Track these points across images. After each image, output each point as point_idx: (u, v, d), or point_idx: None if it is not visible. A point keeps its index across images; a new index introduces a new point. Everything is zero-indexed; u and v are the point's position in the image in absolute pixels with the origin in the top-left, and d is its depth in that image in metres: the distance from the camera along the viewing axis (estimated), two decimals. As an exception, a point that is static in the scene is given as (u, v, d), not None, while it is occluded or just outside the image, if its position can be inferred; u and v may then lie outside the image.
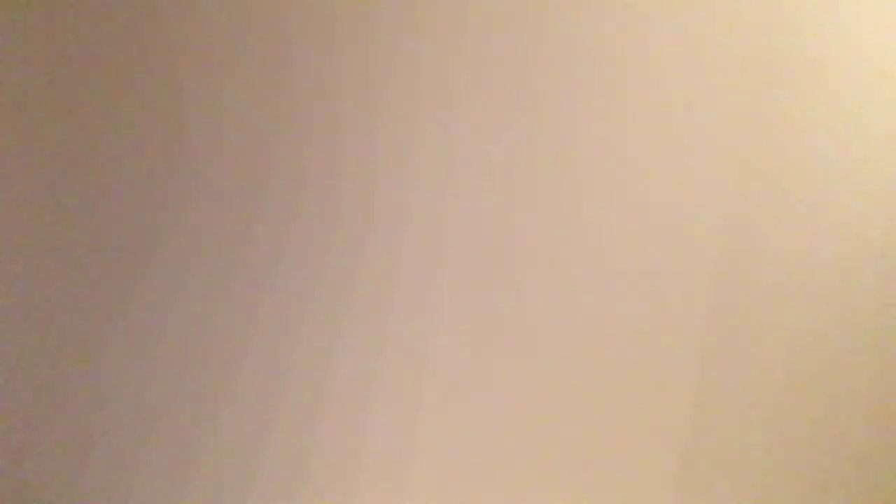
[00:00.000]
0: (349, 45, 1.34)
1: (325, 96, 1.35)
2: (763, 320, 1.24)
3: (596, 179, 1.28)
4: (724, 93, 1.24)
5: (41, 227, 1.43)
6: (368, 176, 1.34)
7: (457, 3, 1.31)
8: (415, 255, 1.33)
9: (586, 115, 1.28)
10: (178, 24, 1.38)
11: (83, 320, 1.42)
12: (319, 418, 1.36)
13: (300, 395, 1.37)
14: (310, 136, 1.36)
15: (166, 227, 1.40)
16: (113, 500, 1.42)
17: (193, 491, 1.40)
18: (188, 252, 1.39)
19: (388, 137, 1.33)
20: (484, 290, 1.31)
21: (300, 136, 1.36)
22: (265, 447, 1.37)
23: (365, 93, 1.33)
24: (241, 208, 1.37)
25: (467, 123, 1.31)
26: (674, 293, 1.26)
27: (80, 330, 1.42)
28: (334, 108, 1.35)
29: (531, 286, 1.30)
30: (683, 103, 1.25)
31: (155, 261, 1.40)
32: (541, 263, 1.29)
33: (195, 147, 1.39)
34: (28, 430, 1.44)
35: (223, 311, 1.38)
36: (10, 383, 1.44)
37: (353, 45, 1.34)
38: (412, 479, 1.34)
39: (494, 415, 1.31)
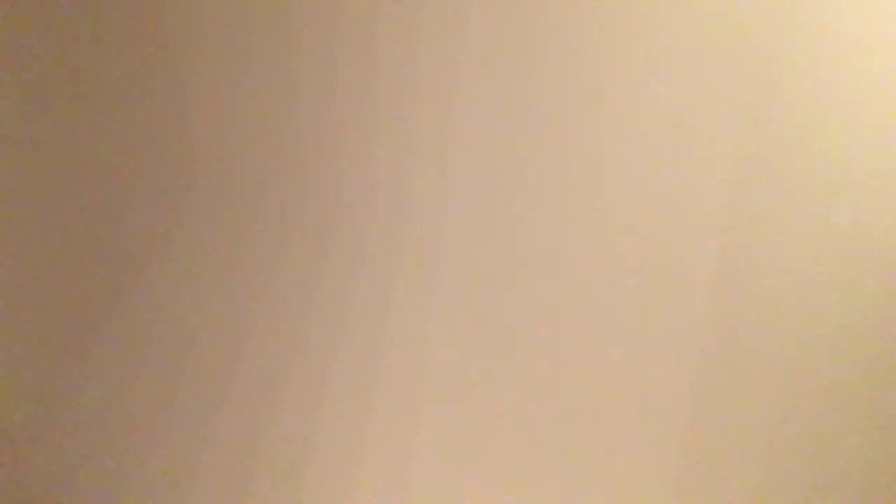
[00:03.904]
0: (349, 45, 1.34)
1: (325, 96, 1.35)
2: (763, 320, 1.24)
3: (596, 179, 1.28)
4: (725, 92, 1.24)
5: (41, 227, 1.43)
6: (368, 176, 1.34)
7: (458, 2, 1.31)
8: (415, 255, 1.33)
9: (587, 114, 1.28)
10: (178, 23, 1.38)
11: (83, 321, 1.42)
12: (319, 418, 1.36)
13: (300, 396, 1.37)
14: (310, 137, 1.35)
15: (166, 228, 1.39)
16: (113, 501, 1.42)
17: (193, 491, 1.40)
18: (188, 252, 1.39)
19: (387, 137, 1.33)
20: (483, 290, 1.31)
21: (300, 137, 1.36)
22: (265, 447, 1.38)
23: (365, 93, 1.33)
24: (241, 209, 1.37)
25: (467, 123, 1.31)
26: (674, 292, 1.26)
27: (79, 330, 1.42)
28: (334, 108, 1.35)
29: (531, 286, 1.30)
30: (684, 102, 1.25)
31: (155, 261, 1.40)
32: (541, 263, 1.29)
33: (195, 147, 1.38)
34: (27, 431, 1.44)
35: (223, 312, 1.38)
36: (10, 384, 1.44)
37: (354, 45, 1.34)
38: (412, 479, 1.34)
39: (494, 415, 1.31)
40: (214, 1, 1.37)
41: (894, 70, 1.20)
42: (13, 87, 1.43)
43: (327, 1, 1.34)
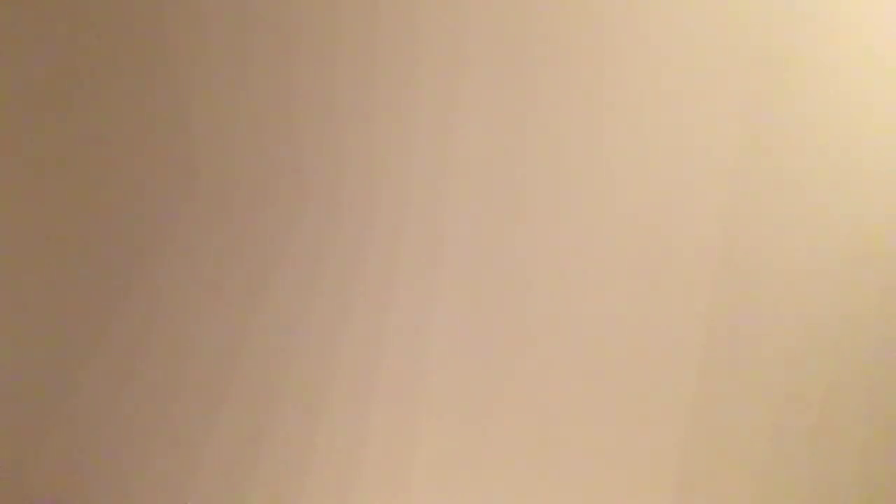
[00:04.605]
0: (349, 45, 1.34)
1: (325, 97, 1.35)
2: (763, 320, 1.24)
3: (596, 178, 1.28)
4: (725, 90, 1.24)
5: (41, 228, 1.43)
6: (368, 176, 1.34)
7: (458, 2, 1.31)
8: (415, 256, 1.33)
9: (586, 113, 1.28)
10: (179, 24, 1.38)
11: (83, 321, 1.42)
12: (319, 418, 1.36)
13: (300, 396, 1.37)
14: (310, 138, 1.36)
15: (166, 228, 1.40)
16: (113, 501, 1.42)
17: (193, 491, 1.40)
18: (188, 252, 1.39)
19: (387, 137, 1.33)
20: (483, 290, 1.31)
21: (300, 138, 1.36)
22: (265, 447, 1.38)
23: (365, 93, 1.33)
24: (241, 209, 1.37)
25: (467, 123, 1.31)
26: (674, 292, 1.26)
27: (80, 330, 1.42)
28: (334, 110, 1.35)
29: (531, 286, 1.30)
30: (684, 100, 1.25)
31: (155, 261, 1.40)
32: (541, 262, 1.29)
33: (195, 148, 1.39)
34: (27, 431, 1.44)
35: (224, 312, 1.38)
36: (11, 384, 1.44)
37: (354, 45, 1.34)
38: (412, 479, 1.34)
39: (494, 415, 1.31)
40: (214, 2, 1.37)
41: (894, 70, 1.20)
42: (13, 87, 1.43)
43: (327, 1, 1.34)
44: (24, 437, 1.44)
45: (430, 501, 1.33)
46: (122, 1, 1.40)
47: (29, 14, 1.42)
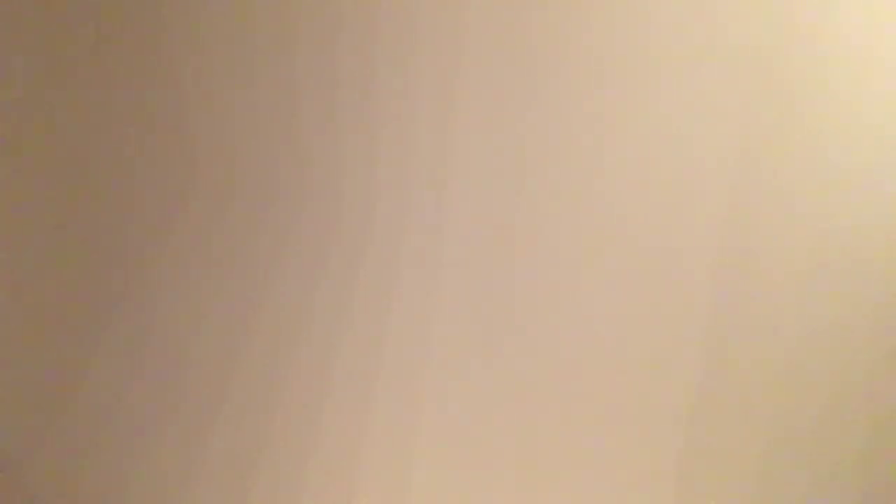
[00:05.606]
0: (349, 45, 1.34)
1: (325, 97, 1.35)
2: (763, 319, 1.24)
3: (596, 179, 1.28)
4: (725, 92, 1.24)
5: (41, 228, 1.43)
6: (368, 177, 1.34)
7: (458, 3, 1.31)
8: (415, 255, 1.33)
9: (586, 113, 1.28)
10: (178, 23, 1.38)
11: (83, 321, 1.42)
12: (319, 418, 1.36)
13: (300, 396, 1.37)
14: (310, 138, 1.36)
15: (166, 228, 1.40)
16: (113, 500, 1.42)
17: (193, 491, 1.40)
18: (188, 252, 1.39)
19: (387, 138, 1.33)
20: (483, 291, 1.31)
21: (300, 137, 1.36)
22: (265, 447, 1.38)
23: (365, 93, 1.33)
24: (241, 209, 1.37)
25: (467, 124, 1.31)
26: (673, 293, 1.26)
27: (80, 331, 1.42)
28: (334, 109, 1.35)
29: (531, 287, 1.30)
30: (684, 103, 1.25)
31: (155, 260, 1.40)
32: (541, 264, 1.29)
33: (195, 147, 1.38)
34: (27, 432, 1.44)
35: (224, 312, 1.38)
36: (10, 384, 1.44)
37: (354, 45, 1.34)
38: (412, 479, 1.34)
39: (494, 415, 1.31)
40: (214, 1, 1.37)
41: (894, 70, 1.20)
42: (12, 87, 1.43)
43: (327, 1, 1.34)
44: (24, 436, 1.44)
45: (430, 501, 1.33)
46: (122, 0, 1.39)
47: (28, 13, 1.42)
